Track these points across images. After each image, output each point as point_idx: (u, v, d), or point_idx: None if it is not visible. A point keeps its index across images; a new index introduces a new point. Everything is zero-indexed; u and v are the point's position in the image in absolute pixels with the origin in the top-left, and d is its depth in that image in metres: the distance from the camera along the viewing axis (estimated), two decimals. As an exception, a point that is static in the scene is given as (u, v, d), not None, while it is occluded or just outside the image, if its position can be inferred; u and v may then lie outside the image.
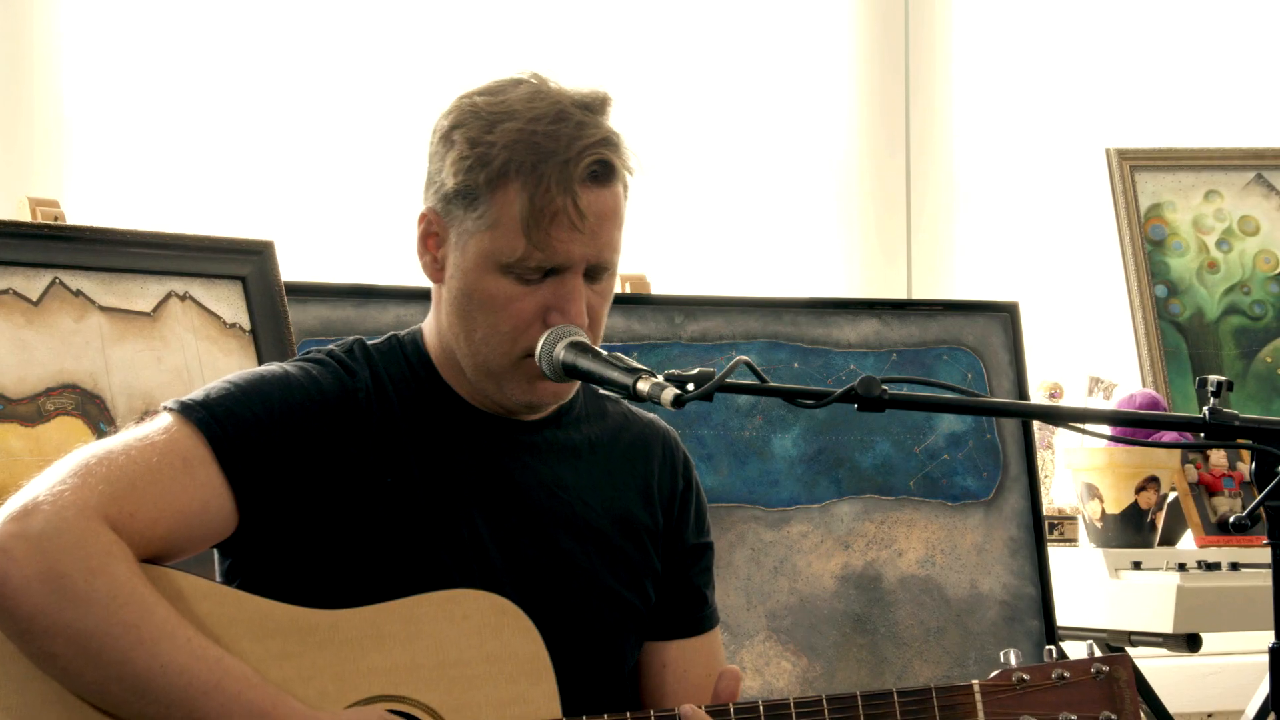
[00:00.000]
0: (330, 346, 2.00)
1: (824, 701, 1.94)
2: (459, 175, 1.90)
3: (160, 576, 1.79)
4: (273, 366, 1.95)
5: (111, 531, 1.75)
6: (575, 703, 1.92)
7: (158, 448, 1.82)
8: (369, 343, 2.01)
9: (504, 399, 1.96)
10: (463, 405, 1.99)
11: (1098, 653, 2.05)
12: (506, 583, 1.93)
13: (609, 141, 1.91)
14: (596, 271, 1.93)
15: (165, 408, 1.87)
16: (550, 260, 1.89)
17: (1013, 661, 2.03)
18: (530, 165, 1.88)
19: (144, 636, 1.72)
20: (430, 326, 2.02)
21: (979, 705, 1.99)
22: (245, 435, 1.85)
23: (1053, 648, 2.09)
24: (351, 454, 1.91)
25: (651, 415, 2.11)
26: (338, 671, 1.82)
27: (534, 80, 1.94)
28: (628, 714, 1.90)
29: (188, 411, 1.85)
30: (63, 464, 1.79)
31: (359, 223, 3.45)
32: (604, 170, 1.90)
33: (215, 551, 1.97)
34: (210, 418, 1.85)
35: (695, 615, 2.11)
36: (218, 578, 1.97)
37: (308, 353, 1.99)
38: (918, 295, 3.89)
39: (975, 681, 2.00)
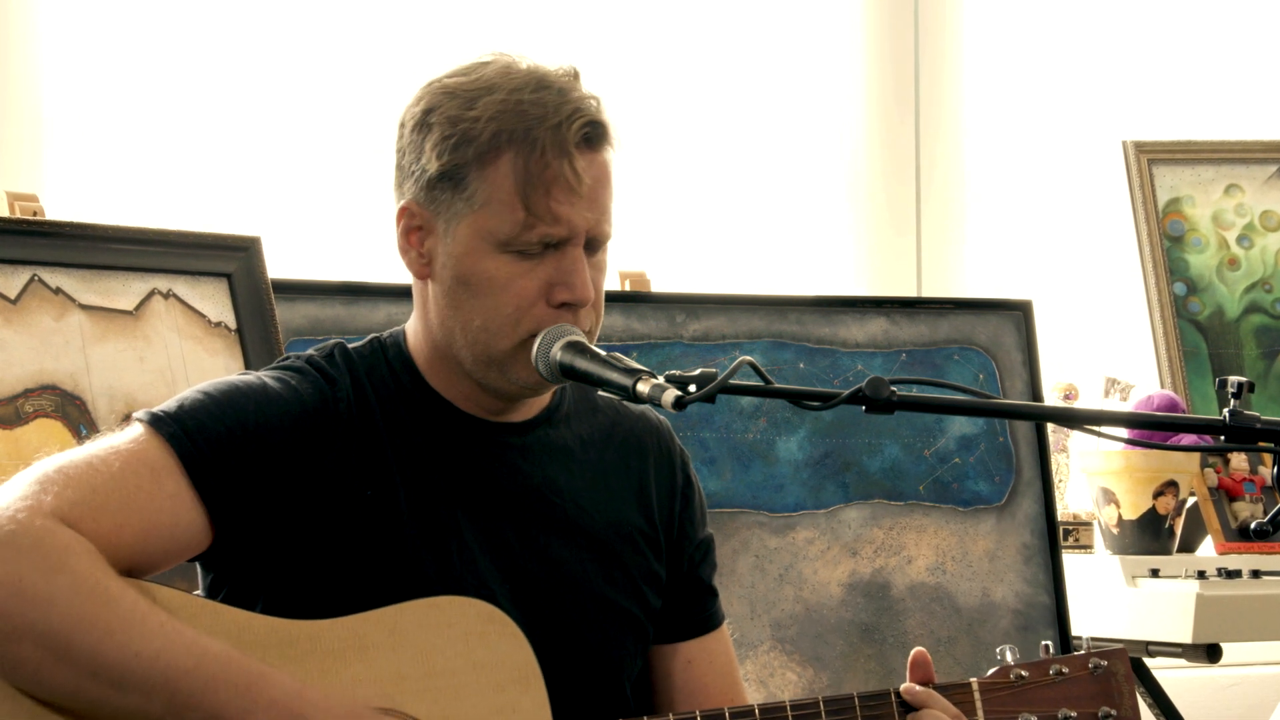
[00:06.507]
0: (310, 352, 1.97)
1: (820, 704, 1.93)
2: (443, 156, 1.88)
3: (132, 588, 1.75)
4: (249, 376, 1.91)
5: (70, 529, 1.71)
6: (573, 713, 1.90)
7: (121, 455, 1.79)
8: (350, 345, 1.98)
9: (509, 385, 1.92)
10: (449, 409, 1.96)
11: (1094, 645, 2.06)
12: (497, 593, 1.90)
13: (596, 105, 1.91)
14: (595, 244, 1.92)
15: (136, 418, 1.84)
16: (551, 229, 1.87)
17: (1009, 658, 2.03)
18: (522, 132, 1.86)
19: (113, 627, 1.69)
20: (414, 328, 1.99)
21: (978, 704, 2.00)
22: (217, 450, 1.82)
23: (1048, 643, 2.09)
24: (330, 467, 1.88)
25: (643, 408, 2.09)
26: (320, 683, 1.79)
27: (503, 57, 1.93)
28: None
29: (159, 424, 1.82)
30: (19, 478, 1.76)
31: (349, 218, 3.44)
32: (596, 132, 1.90)
33: (198, 566, 1.95)
34: (182, 431, 1.82)
35: (709, 610, 2.11)
36: (201, 592, 1.94)
37: (286, 359, 1.96)
38: (927, 293, 3.89)
39: (973, 680, 2.01)
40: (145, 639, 1.69)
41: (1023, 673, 2.02)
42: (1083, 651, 2.06)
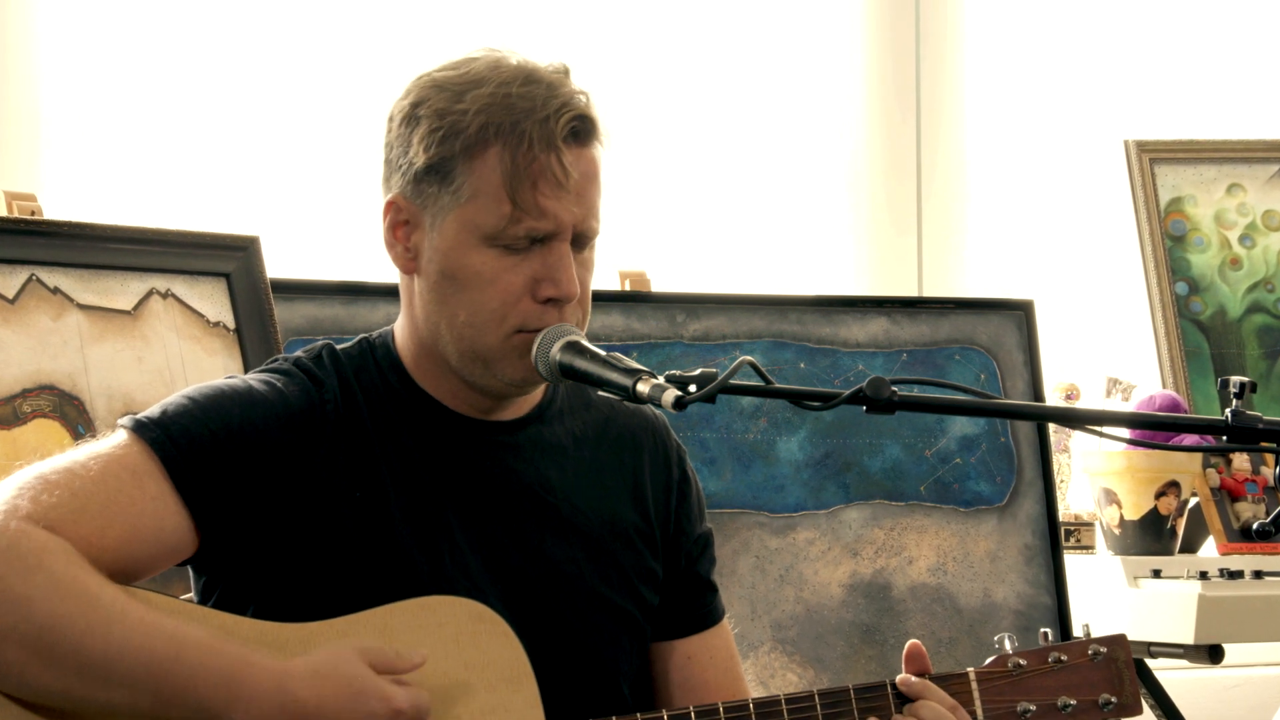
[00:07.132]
0: (298, 354, 1.96)
1: (816, 697, 1.93)
2: (430, 149, 1.87)
3: (111, 584, 1.75)
4: (236, 380, 1.91)
5: (47, 531, 1.71)
6: (569, 713, 1.89)
7: (102, 460, 1.79)
8: (338, 347, 1.97)
9: (495, 382, 1.92)
10: (438, 409, 1.95)
11: (1094, 634, 2.04)
12: (490, 594, 1.89)
13: (585, 101, 1.90)
14: (582, 240, 1.91)
15: (120, 424, 1.84)
16: (538, 224, 1.86)
17: (1008, 647, 2.01)
18: (510, 125, 1.85)
19: (93, 623, 1.69)
20: (402, 327, 1.98)
21: (975, 694, 1.98)
22: (200, 454, 1.82)
23: (1047, 630, 2.07)
24: (318, 469, 1.87)
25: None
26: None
27: (493, 53, 1.92)
28: (612, 719, 1.90)
29: (142, 429, 1.82)
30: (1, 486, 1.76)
31: (347, 217, 3.43)
32: (584, 127, 1.89)
33: (190, 569, 1.94)
34: (165, 436, 1.81)
35: (709, 606, 2.10)
36: (194, 595, 1.94)
37: (274, 362, 1.95)
38: (929, 293, 3.89)
39: (970, 669, 1.99)
40: (126, 634, 1.69)
41: (1021, 661, 2.00)
42: (1082, 638, 2.04)
